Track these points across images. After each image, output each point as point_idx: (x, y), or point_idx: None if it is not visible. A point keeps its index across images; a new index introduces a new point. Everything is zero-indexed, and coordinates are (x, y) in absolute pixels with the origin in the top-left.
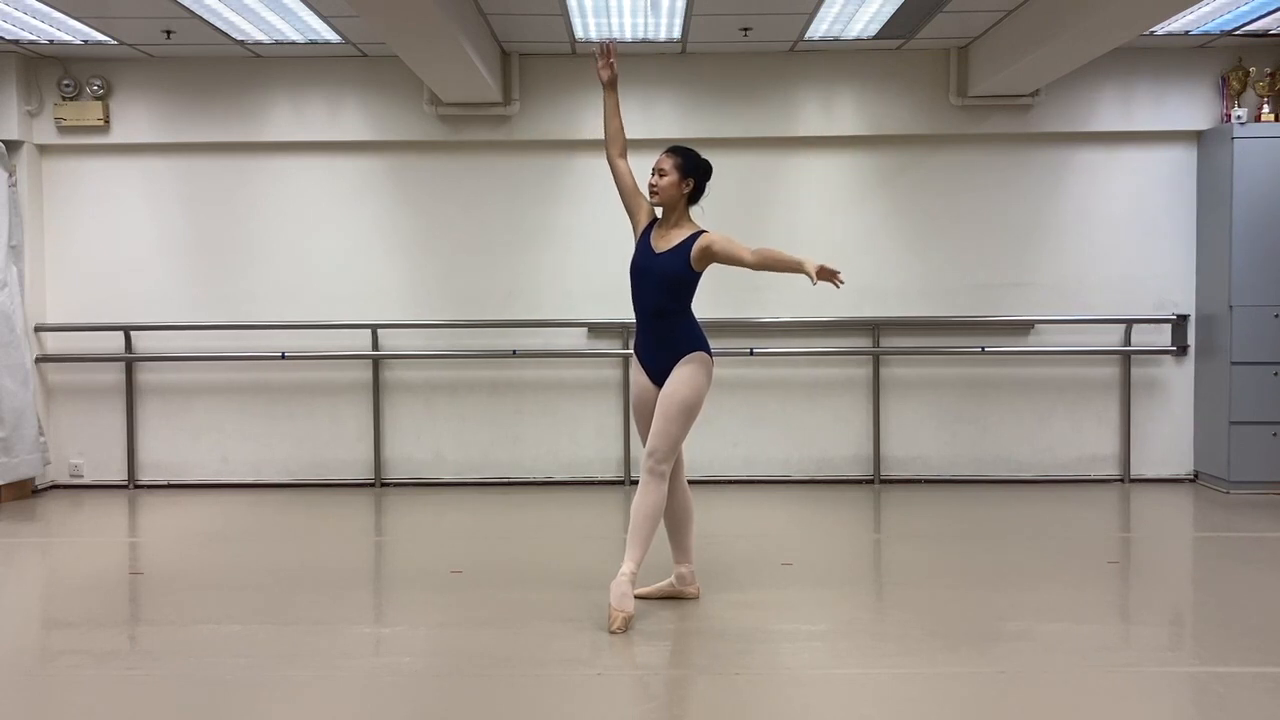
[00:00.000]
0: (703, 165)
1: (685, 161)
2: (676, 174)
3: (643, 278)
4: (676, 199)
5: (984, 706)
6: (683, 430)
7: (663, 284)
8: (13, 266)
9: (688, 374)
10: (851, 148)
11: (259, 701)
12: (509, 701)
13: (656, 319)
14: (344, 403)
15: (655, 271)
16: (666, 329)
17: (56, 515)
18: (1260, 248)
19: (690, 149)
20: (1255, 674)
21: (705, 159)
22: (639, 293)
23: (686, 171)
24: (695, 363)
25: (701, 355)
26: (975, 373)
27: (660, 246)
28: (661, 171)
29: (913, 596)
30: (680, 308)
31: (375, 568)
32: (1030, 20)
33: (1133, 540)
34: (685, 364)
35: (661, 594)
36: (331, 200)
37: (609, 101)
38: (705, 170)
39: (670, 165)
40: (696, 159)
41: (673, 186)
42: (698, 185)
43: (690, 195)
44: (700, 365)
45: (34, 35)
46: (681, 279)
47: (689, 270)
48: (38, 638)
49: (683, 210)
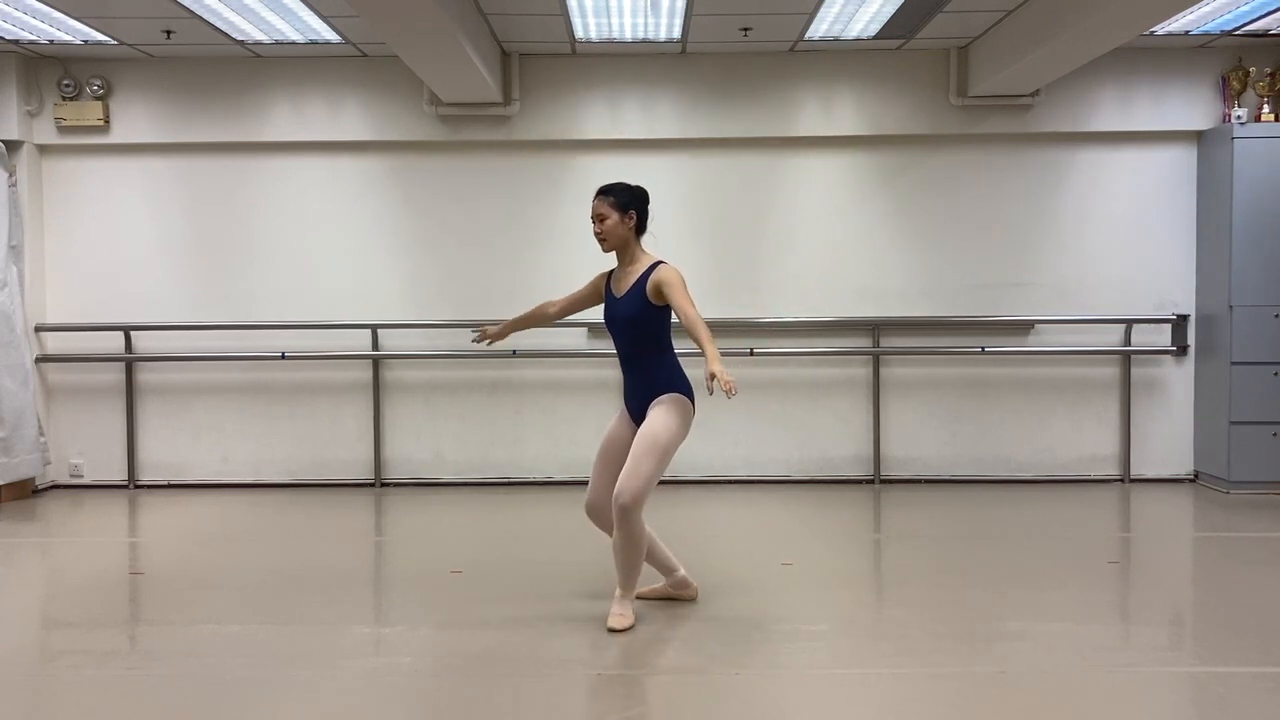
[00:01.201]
0: (638, 194)
1: (619, 199)
2: (615, 213)
3: (612, 325)
4: (625, 237)
5: (984, 706)
6: (655, 470)
7: (629, 327)
8: (13, 266)
9: (662, 415)
10: (851, 148)
11: (259, 701)
12: (509, 701)
13: (634, 363)
14: (344, 403)
15: (620, 317)
16: (645, 371)
17: (56, 515)
18: (1260, 248)
19: (618, 184)
20: (1255, 674)
21: (638, 186)
22: (615, 340)
23: (625, 207)
24: (670, 404)
25: (678, 397)
26: (975, 373)
27: (620, 289)
28: (601, 217)
29: (912, 596)
30: (654, 346)
31: (375, 568)
32: (1030, 20)
33: (1133, 540)
34: (660, 404)
35: (660, 595)
36: (331, 200)
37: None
38: (642, 198)
39: (607, 207)
40: (629, 191)
41: (616, 227)
42: (640, 215)
43: (636, 227)
44: (675, 406)
45: (34, 35)
46: (644, 319)
47: (649, 308)
48: (38, 638)
49: (635, 245)
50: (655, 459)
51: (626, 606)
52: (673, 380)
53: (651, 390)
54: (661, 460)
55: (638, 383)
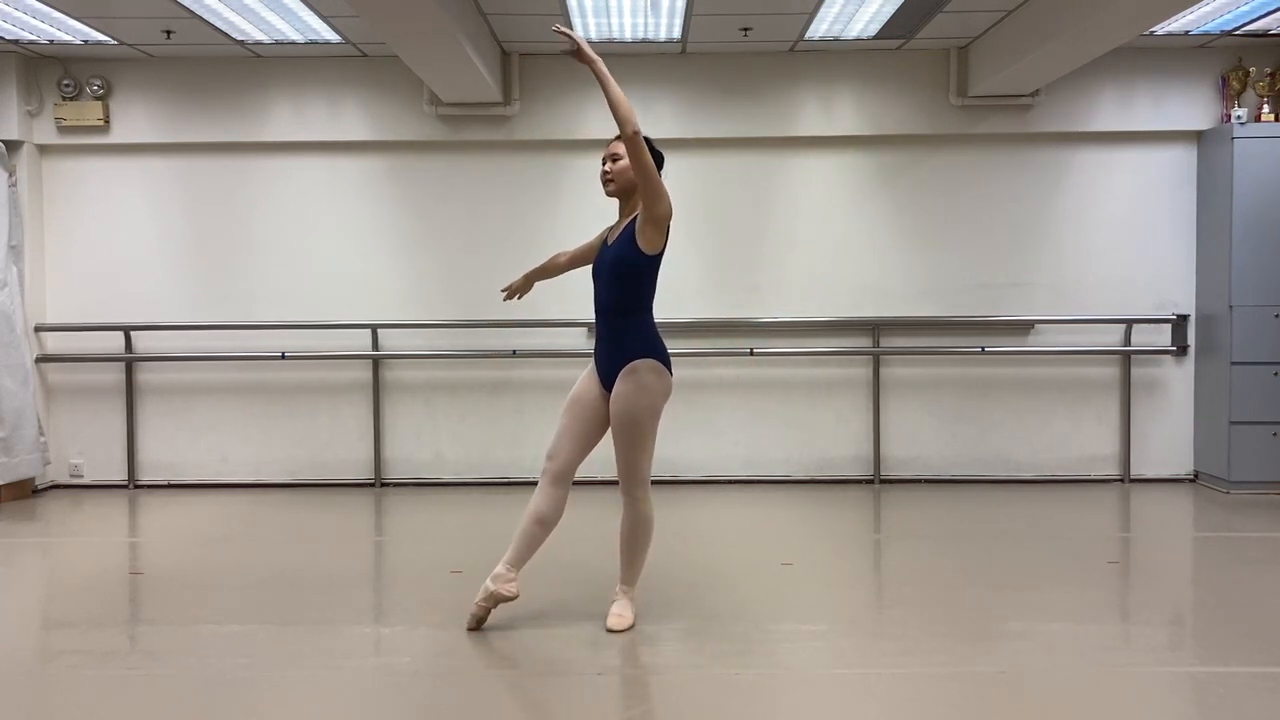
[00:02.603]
0: (654, 148)
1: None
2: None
3: (597, 275)
4: (632, 185)
5: (984, 706)
6: (647, 455)
7: (613, 273)
8: (13, 266)
9: (632, 388)
10: (851, 148)
11: (259, 701)
12: (509, 701)
13: (611, 316)
14: (344, 403)
15: (607, 260)
16: (620, 328)
17: (56, 515)
18: (1260, 248)
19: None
20: (1255, 674)
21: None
22: (596, 291)
23: None
24: (642, 372)
25: (651, 363)
26: (975, 373)
27: (612, 237)
28: (614, 157)
29: (912, 596)
30: (634, 303)
31: (375, 568)
32: (1030, 20)
33: (1133, 540)
34: (630, 374)
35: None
36: (331, 200)
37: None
38: (658, 155)
39: (622, 149)
40: (648, 142)
41: (626, 170)
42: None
43: None
44: (649, 375)
45: (34, 35)
46: (630, 264)
47: (637, 252)
48: (38, 638)
49: (636, 198)
50: (639, 444)
51: (626, 607)
52: (649, 344)
53: (625, 352)
54: (646, 440)
55: (612, 340)
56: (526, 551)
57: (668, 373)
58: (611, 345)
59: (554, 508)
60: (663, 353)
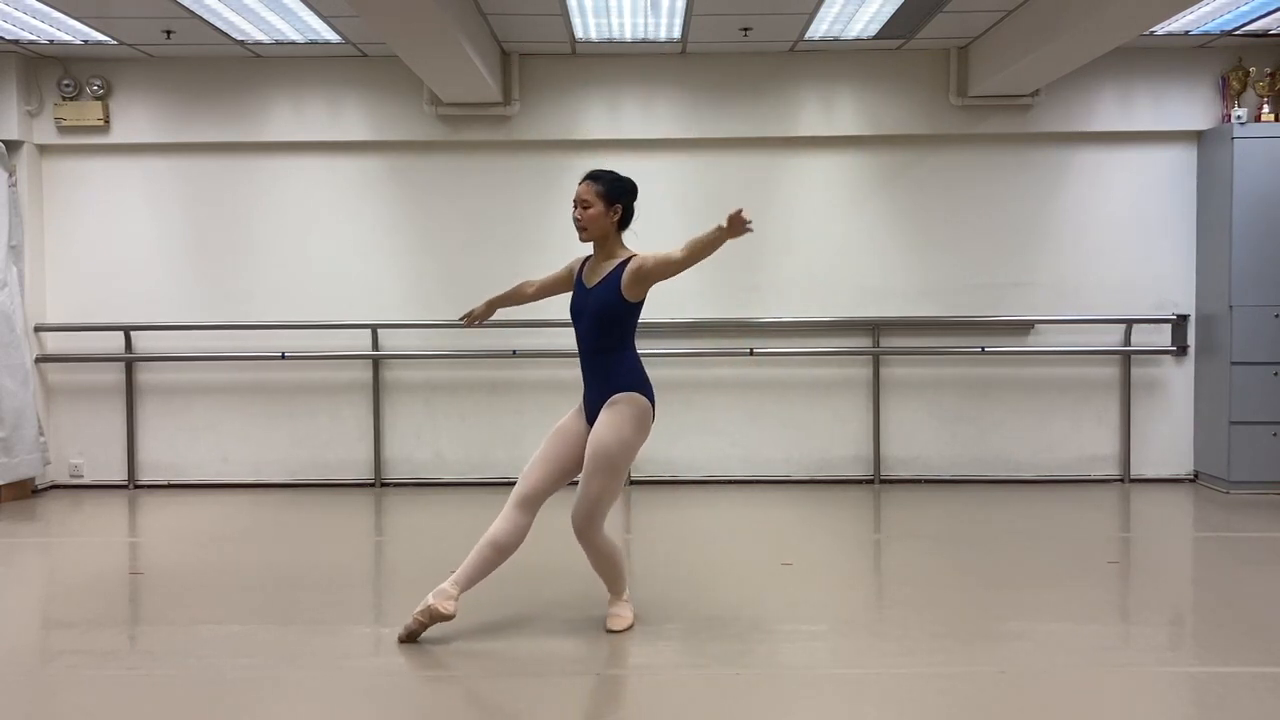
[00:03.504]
0: (628, 187)
1: (608, 188)
2: (601, 203)
3: (578, 317)
4: (606, 229)
5: (984, 706)
6: (607, 487)
7: (597, 320)
8: (13, 266)
9: (614, 420)
10: (851, 148)
11: (259, 701)
12: (509, 701)
13: (594, 357)
14: (344, 403)
15: (589, 309)
16: (603, 366)
17: (56, 515)
18: (1260, 248)
19: (610, 171)
20: (1255, 674)
21: (628, 178)
22: (578, 333)
23: (612, 198)
24: (625, 404)
25: (634, 397)
26: (975, 373)
27: (592, 281)
28: (584, 204)
29: (913, 596)
30: (617, 344)
31: (375, 568)
32: (1030, 20)
33: (1133, 540)
34: (614, 406)
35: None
36: (331, 200)
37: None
38: (631, 191)
39: (593, 195)
40: (619, 182)
41: (599, 217)
42: (626, 210)
43: (620, 221)
44: (630, 408)
45: (34, 35)
46: (614, 312)
47: (621, 301)
48: (38, 638)
49: (615, 239)
50: (605, 476)
51: (624, 607)
52: (634, 379)
53: (611, 386)
54: (614, 476)
55: (597, 379)
56: (477, 575)
57: (650, 410)
58: (596, 382)
59: (514, 535)
60: (646, 388)
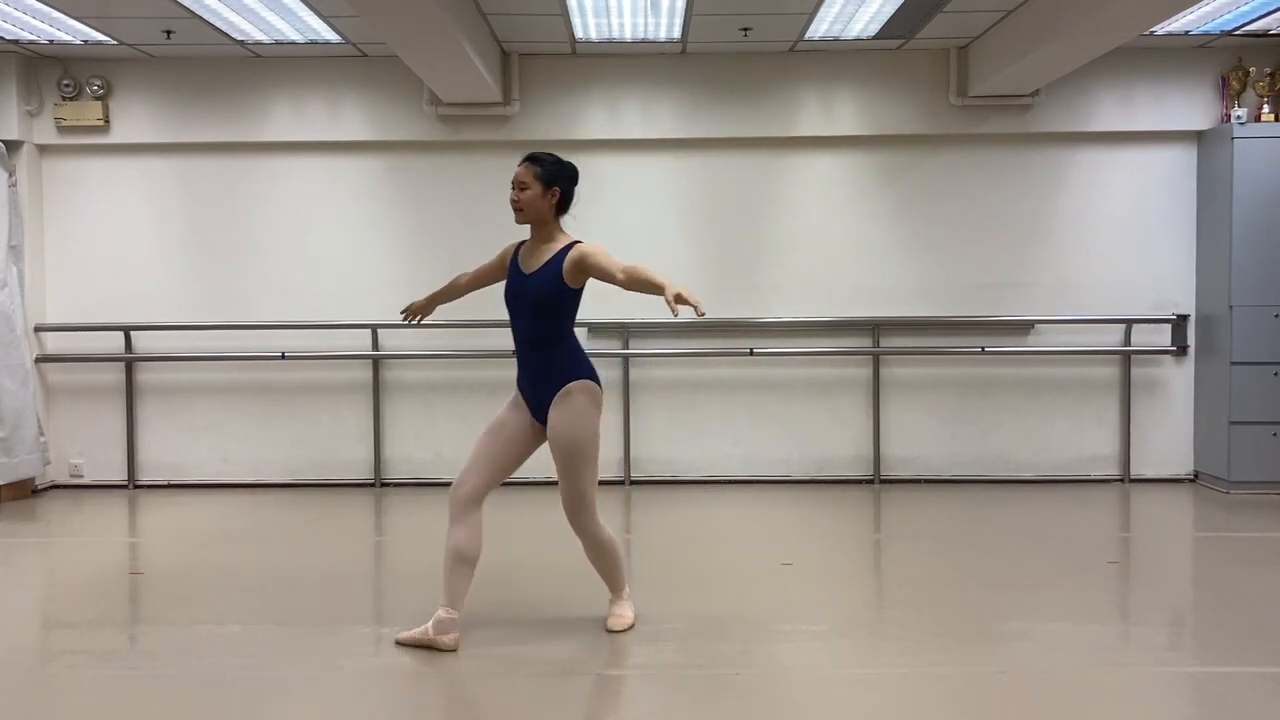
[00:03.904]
0: (566, 170)
1: (545, 170)
2: (539, 185)
3: (515, 304)
4: (543, 213)
5: (984, 706)
6: (588, 478)
7: (537, 307)
8: (13, 266)
9: (570, 412)
10: (851, 148)
11: (259, 701)
12: (509, 701)
13: (534, 347)
14: (344, 403)
15: (527, 295)
16: (545, 357)
17: (56, 515)
18: (1260, 248)
19: (550, 154)
20: (1255, 674)
21: (569, 163)
22: (514, 321)
23: (549, 181)
24: (577, 394)
25: (585, 384)
26: (975, 373)
27: (530, 266)
28: (521, 185)
29: (913, 596)
30: (558, 333)
31: (375, 568)
32: (1030, 20)
33: (1133, 540)
34: (565, 399)
35: (418, 642)
36: (331, 200)
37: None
38: (570, 176)
39: (530, 177)
40: (558, 164)
41: (535, 200)
42: (564, 194)
43: (558, 205)
44: (583, 396)
45: (34, 35)
46: (555, 299)
47: (564, 288)
48: (38, 638)
49: (553, 224)
50: (582, 468)
51: (624, 607)
52: (577, 366)
53: (551, 379)
54: (590, 465)
55: (536, 369)
56: (460, 589)
57: (599, 391)
58: (539, 374)
59: (472, 541)
60: (592, 372)
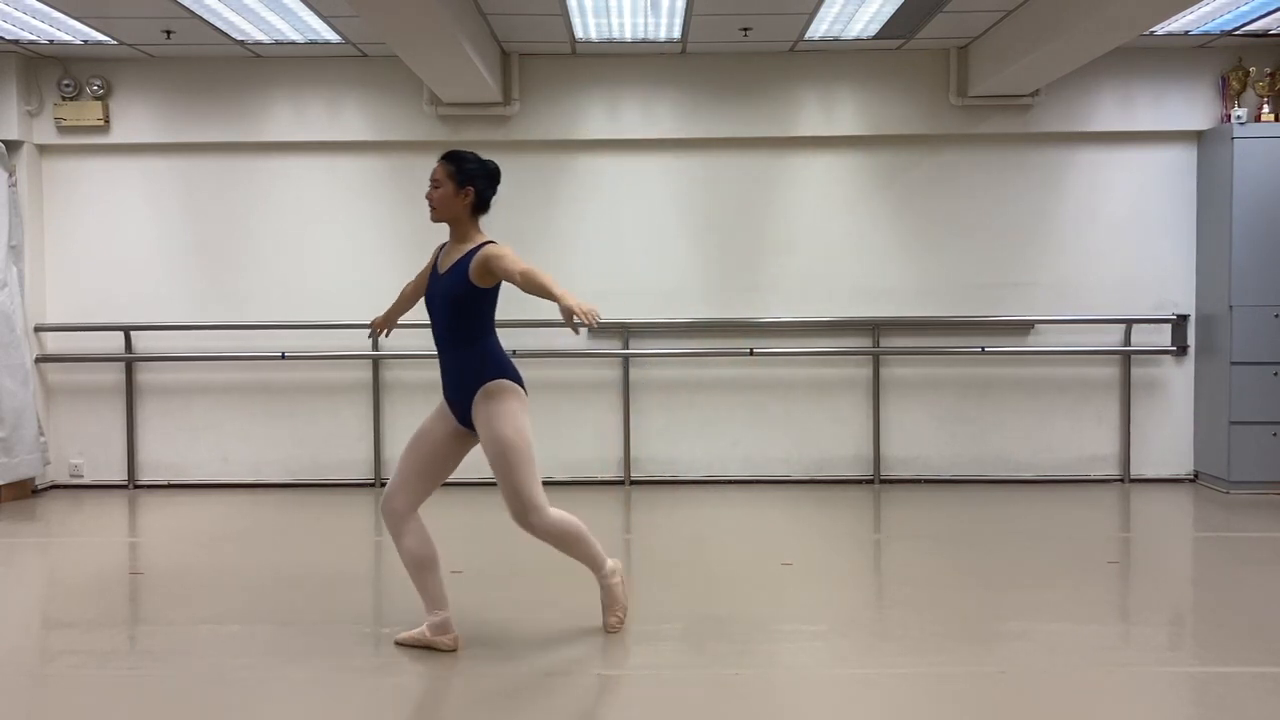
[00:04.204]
0: (483, 170)
1: (460, 169)
2: (451, 184)
3: (430, 305)
4: (457, 212)
5: (984, 706)
6: (528, 471)
7: (446, 306)
8: (13, 266)
9: (491, 412)
10: (851, 148)
11: (259, 701)
12: (509, 701)
13: (451, 348)
14: (344, 403)
15: (439, 295)
16: (463, 359)
17: (56, 515)
18: (1260, 248)
19: (466, 152)
20: (1255, 674)
21: (488, 161)
22: (432, 322)
23: (462, 179)
24: (498, 391)
25: (504, 384)
26: (975, 373)
27: (444, 266)
28: (435, 183)
29: (913, 596)
30: (473, 332)
31: (375, 568)
32: (1030, 20)
33: (1133, 540)
34: (485, 399)
35: (417, 642)
36: (331, 200)
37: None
38: (486, 175)
39: (444, 175)
40: (473, 163)
41: (449, 199)
42: (480, 194)
43: (475, 205)
44: (506, 395)
45: (34, 35)
46: (464, 299)
47: (471, 288)
48: (38, 638)
49: (468, 223)
50: (518, 467)
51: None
52: (496, 367)
53: (469, 380)
54: (524, 463)
55: (455, 371)
56: (434, 590)
57: (522, 390)
58: (458, 376)
59: (422, 546)
60: (513, 371)
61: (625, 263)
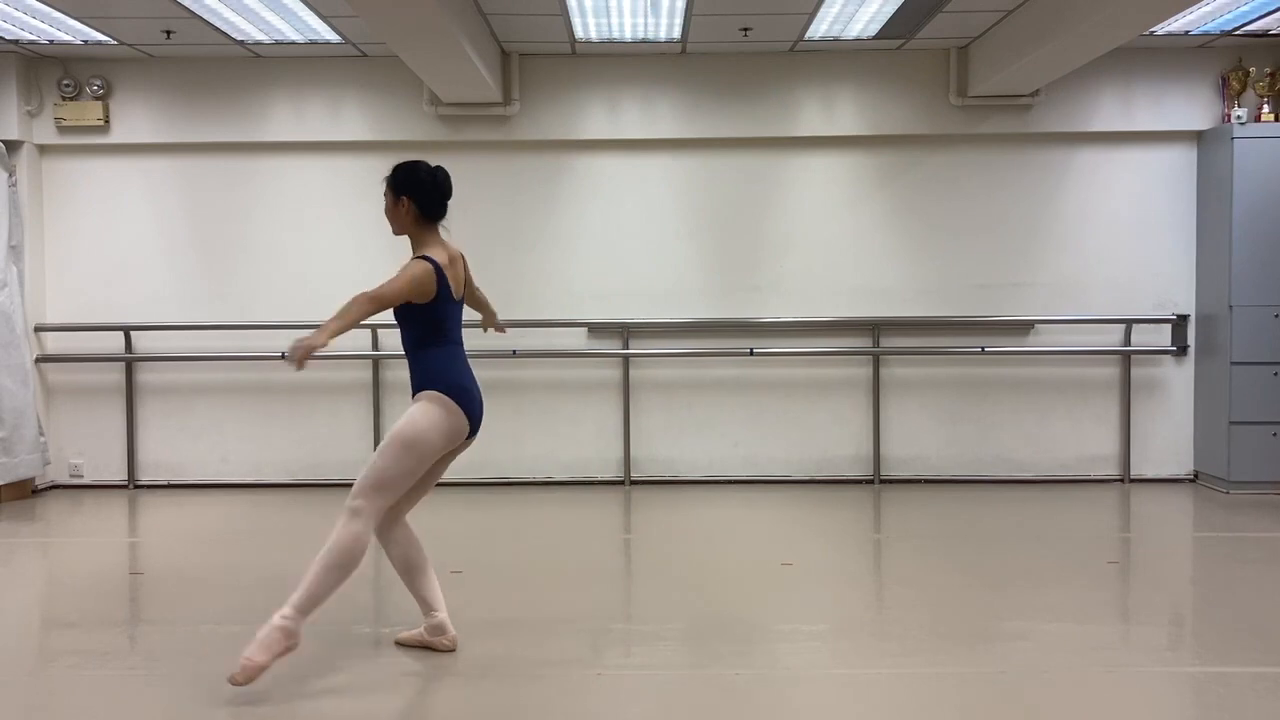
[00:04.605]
0: (413, 179)
1: (391, 180)
2: (389, 197)
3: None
4: (404, 223)
5: (984, 706)
6: (395, 467)
7: (395, 315)
8: (13, 266)
9: (416, 409)
10: (851, 148)
11: (259, 701)
12: (509, 701)
13: (407, 354)
14: (344, 403)
15: None
16: (411, 364)
17: (56, 515)
18: (1260, 248)
19: (407, 163)
20: (1255, 674)
21: (420, 168)
22: None
23: (397, 190)
24: (426, 400)
25: (436, 395)
26: (975, 373)
27: None
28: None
29: (913, 596)
30: (413, 342)
31: (375, 568)
32: (1030, 20)
33: (1133, 540)
34: (417, 402)
35: (417, 642)
36: (332, 200)
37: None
38: (419, 185)
39: (386, 189)
40: (407, 173)
41: (392, 211)
42: (419, 203)
43: (419, 215)
44: (430, 403)
45: (34, 35)
46: (400, 308)
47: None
48: (38, 638)
49: (417, 233)
50: (395, 457)
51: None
52: (432, 376)
53: (415, 385)
54: (403, 460)
55: (411, 374)
56: (429, 593)
57: (457, 407)
58: (411, 379)
59: (410, 551)
60: (453, 385)
61: (625, 263)
